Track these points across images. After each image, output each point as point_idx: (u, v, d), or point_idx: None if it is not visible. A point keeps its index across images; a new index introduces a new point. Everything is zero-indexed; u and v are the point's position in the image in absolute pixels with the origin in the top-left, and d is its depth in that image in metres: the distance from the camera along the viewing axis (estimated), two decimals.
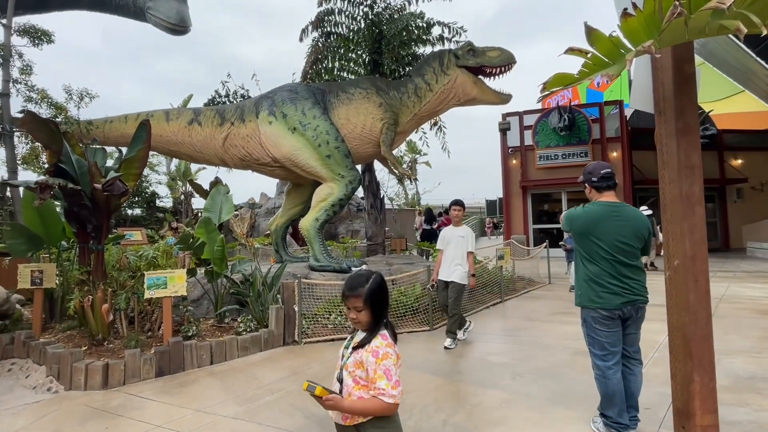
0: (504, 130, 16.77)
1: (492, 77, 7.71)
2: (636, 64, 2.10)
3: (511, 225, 16.37)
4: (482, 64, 7.50)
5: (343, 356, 1.81)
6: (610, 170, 2.90)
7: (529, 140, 16.35)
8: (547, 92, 1.72)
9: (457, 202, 5.71)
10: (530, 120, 16.39)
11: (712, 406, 1.85)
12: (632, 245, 2.80)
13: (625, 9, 1.61)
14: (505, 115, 16.81)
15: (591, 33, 1.65)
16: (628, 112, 15.95)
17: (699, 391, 1.85)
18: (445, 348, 5.27)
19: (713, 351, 1.91)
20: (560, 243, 8.84)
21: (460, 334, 5.54)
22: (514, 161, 16.66)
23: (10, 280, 5.80)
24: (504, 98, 7.86)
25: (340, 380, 1.76)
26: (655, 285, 3.01)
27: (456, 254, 5.45)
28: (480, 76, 7.75)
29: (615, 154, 15.37)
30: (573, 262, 7.91)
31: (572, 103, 17.19)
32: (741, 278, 9.86)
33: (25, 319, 5.59)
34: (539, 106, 18.33)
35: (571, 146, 15.69)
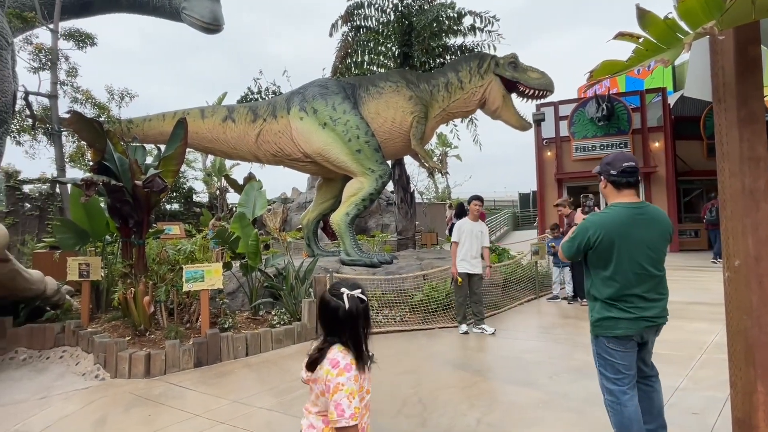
0: (538, 121, 16.25)
1: (523, 97, 7.69)
2: (692, 49, 1.95)
3: (546, 218, 15.92)
4: (518, 81, 7.44)
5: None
6: (633, 164, 2.44)
7: (564, 131, 15.81)
8: (594, 81, 1.61)
9: (478, 197, 5.96)
10: (566, 110, 15.82)
11: None
12: (661, 250, 2.42)
13: None
14: (539, 106, 16.28)
15: (644, 16, 1.54)
16: (671, 100, 15.14)
17: (763, 402, 1.70)
18: (493, 334, 5.61)
19: None
20: (550, 244, 7.51)
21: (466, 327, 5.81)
22: (548, 153, 16.16)
23: (60, 272, 6.11)
24: (524, 125, 7.96)
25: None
26: (701, 282, 2.80)
27: (477, 248, 5.76)
28: (512, 93, 7.78)
29: (657, 144, 14.65)
30: (565, 267, 7.33)
31: (611, 92, 16.47)
32: None
33: (74, 309, 5.89)
34: (575, 95, 17.69)
35: (609, 137, 15.05)
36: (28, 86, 8.52)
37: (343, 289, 1.66)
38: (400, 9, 9.64)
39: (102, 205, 6.69)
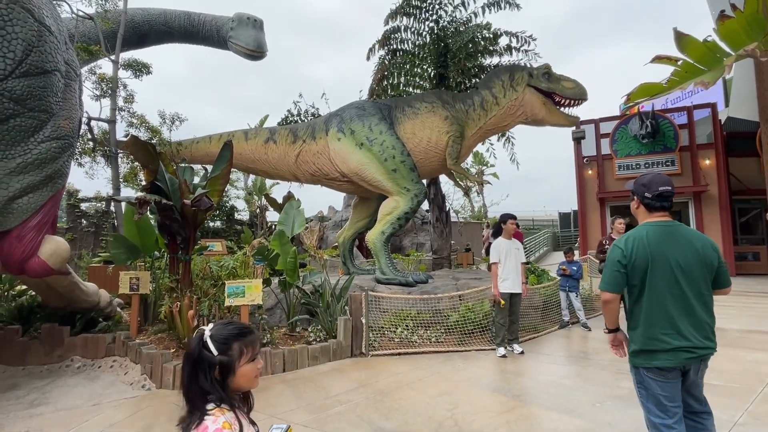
0: (578, 138, 15.93)
1: (559, 106, 7.64)
2: (736, 70, 1.90)
3: (587, 240, 15.37)
4: (553, 91, 7.46)
5: None
6: (670, 188, 2.37)
7: (606, 149, 15.36)
8: (631, 104, 1.61)
9: (512, 216, 5.95)
10: (607, 128, 15.41)
11: None
12: (698, 272, 2.29)
13: (722, 11, 1.48)
14: (579, 124, 15.98)
15: (681, 39, 1.54)
16: (722, 116, 14.42)
17: None
18: (521, 353, 5.65)
19: None
20: (561, 267, 7.36)
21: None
22: (589, 171, 15.71)
23: (112, 286, 6.50)
24: (572, 120, 7.92)
25: None
26: (761, 309, 2.63)
27: (518, 266, 5.71)
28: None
29: (708, 161, 13.93)
30: (575, 293, 7.09)
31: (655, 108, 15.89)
32: None
33: (124, 321, 6.22)
34: (616, 113, 17.18)
35: (655, 154, 14.48)
36: (90, 112, 9.27)
37: (203, 328, 1.43)
38: (435, 32, 9.83)
39: (152, 222, 7.10)
